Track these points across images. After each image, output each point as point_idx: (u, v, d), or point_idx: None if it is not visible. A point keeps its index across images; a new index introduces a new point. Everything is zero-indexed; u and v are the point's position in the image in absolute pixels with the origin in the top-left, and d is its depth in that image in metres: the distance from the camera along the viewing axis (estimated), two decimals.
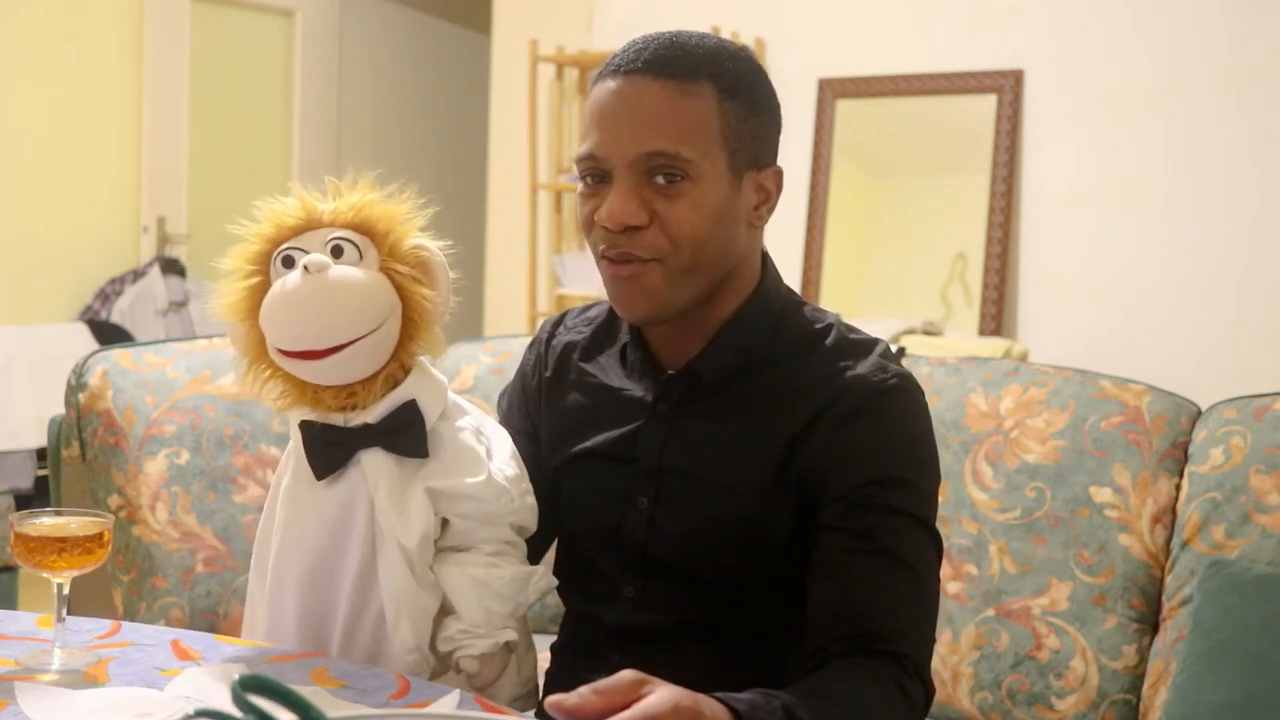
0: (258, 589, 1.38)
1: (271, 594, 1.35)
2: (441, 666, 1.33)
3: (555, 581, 1.39)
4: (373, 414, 1.30)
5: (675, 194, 1.28)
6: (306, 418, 1.31)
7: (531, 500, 1.37)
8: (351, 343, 1.26)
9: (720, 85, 1.29)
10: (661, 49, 1.30)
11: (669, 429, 1.37)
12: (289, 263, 1.28)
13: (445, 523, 1.33)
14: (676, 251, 1.29)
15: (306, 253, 1.28)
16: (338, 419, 1.30)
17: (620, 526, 1.38)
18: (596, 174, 1.31)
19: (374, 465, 1.30)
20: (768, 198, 1.35)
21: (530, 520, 1.37)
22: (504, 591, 1.31)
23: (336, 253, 1.28)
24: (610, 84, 1.30)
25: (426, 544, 1.30)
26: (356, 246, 1.29)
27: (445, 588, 1.31)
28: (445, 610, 1.33)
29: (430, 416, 1.31)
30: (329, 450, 1.30)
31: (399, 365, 1.31)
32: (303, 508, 1.32)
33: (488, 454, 1.34)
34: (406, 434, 1.30)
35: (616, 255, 1.30)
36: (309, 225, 1.31)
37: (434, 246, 1.33)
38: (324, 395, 1.30)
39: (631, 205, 1.28)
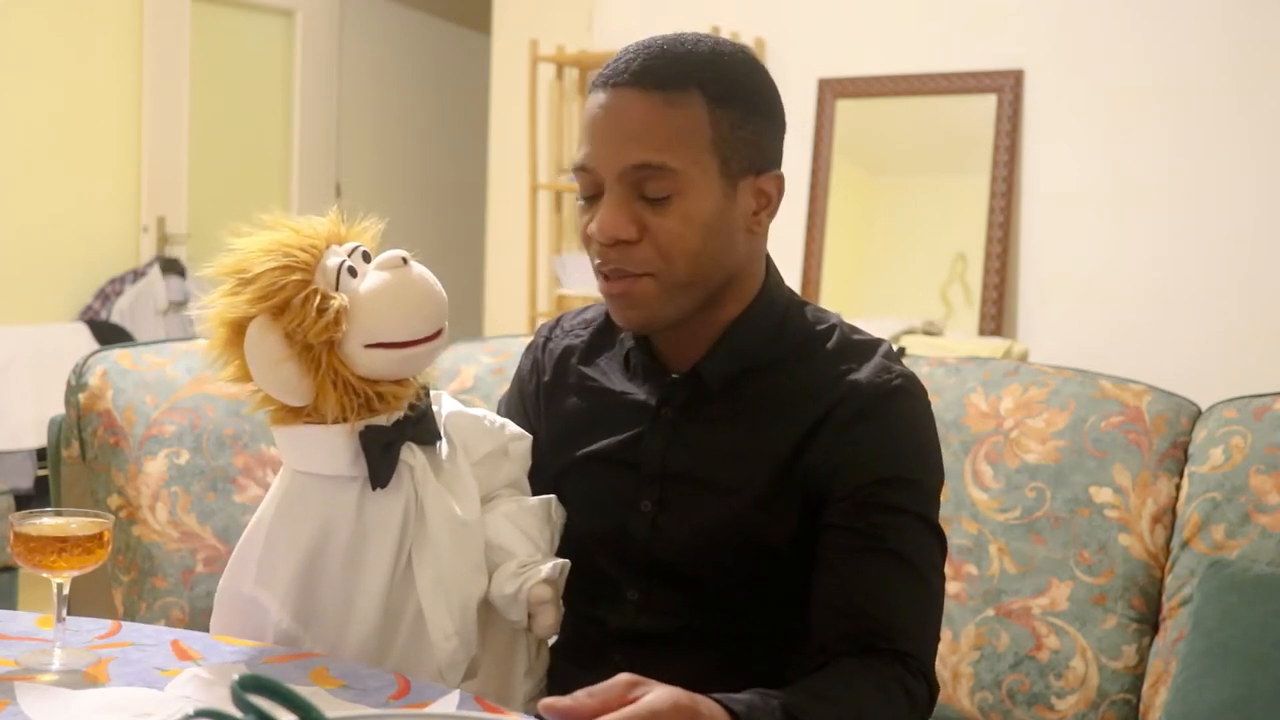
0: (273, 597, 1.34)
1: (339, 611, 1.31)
2: (481, 654, 1.33)
3: (565, 512, 1.40)
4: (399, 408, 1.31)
5: (664, 208, 1.28)
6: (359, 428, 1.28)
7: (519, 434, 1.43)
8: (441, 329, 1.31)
9: (710, 93, 1.28)
10: (650, 59, 1.29)
11: (673, 433, 1.37)
12: (352, 273, 1.27)
13: None
14: (669, 266, 1.29)
15: (364, 255, 1.30)
16: (380, 419, 1.29)
17: (624, 530, 1.38)
18: (590, 187, 1.31)
19: (412, 456, 1.30)
20: (768, 202, 1.34)
21: (523, 455, 1.42)
22: (537, 513, 1.36)
23: (366, 258, 1.31)
24: (600, 96, 1.30)
25: (478, 512, 1.33)
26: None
27: (488, 534, 1.33)
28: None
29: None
30: (384, 454, 1.28)
31: None
32: (371, 520, 1.30)
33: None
34: (427, 421, 1.32)
35: (610, 271, 1.31)
36: (333, 240, 1.31)
37: None
38: (393, 391, 1.29)
39: (621, 219, 1.28)
